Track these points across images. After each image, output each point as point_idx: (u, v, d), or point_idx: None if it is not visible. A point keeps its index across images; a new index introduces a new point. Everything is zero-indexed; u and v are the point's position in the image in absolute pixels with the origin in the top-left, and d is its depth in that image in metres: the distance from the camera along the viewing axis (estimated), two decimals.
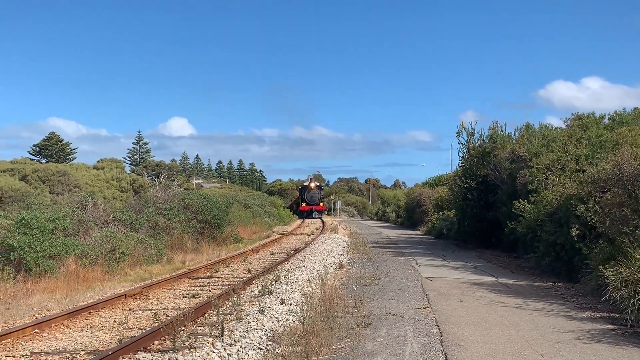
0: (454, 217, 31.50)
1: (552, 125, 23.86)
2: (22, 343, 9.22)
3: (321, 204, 67.02)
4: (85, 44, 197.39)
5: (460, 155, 28.82)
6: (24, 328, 9.74)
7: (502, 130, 26.09)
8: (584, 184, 15.02)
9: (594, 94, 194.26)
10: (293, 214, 65.75)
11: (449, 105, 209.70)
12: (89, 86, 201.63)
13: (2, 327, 10.27)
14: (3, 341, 9.09)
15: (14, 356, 8.40)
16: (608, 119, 21.72)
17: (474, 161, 26.67)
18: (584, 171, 16.28)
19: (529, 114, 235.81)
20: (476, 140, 27.59)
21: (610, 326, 10.04)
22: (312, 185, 67.15)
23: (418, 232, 41.51)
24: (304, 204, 65.98)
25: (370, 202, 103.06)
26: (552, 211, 16.41)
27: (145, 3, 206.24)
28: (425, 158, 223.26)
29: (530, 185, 18.14)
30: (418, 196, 46.84)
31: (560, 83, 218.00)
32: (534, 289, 14.35)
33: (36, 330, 9.85)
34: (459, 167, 29.75)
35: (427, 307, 11.75)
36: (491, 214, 24.33)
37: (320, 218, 61.00)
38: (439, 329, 9.74)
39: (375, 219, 76.83)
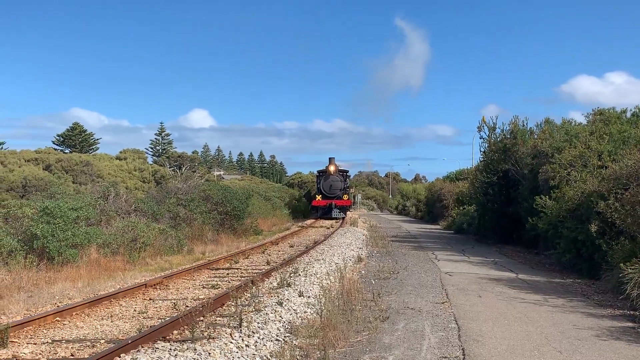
0: (475, 212, 31.34)
1: (575, 121, 23.65)
2: (44, 331, 9.33)
3: (345, 196, 46.38)
4: (107, 37, 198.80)
5: (482, 150, 28.63)
6: (46, 316, 9.86)
7: (523, 125, 25.90)
8: (605, 181, 14.87)
9: (618, 89, 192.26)
10: (309, 211, 50.09)
11: (471, 99, 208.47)
12: (110, 77, 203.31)
13: (25, 314, 10.40)
14: (25, 328, 9.21)
15: (35, 343, 8.51)
16: (631, 114, 21.44)
17: (495, 156, 26.48)
18: (606, 167, 16.10)
19: (551, 109, 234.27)
20: (497, 135, 27.36)
21: (630, 324, 9.94)
22: (332, 169, 46.53)
23: (438, 226, 41.36)
24: (319, 197, 45.85)
25: (390, 196, 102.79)
26: (573, 207, 16.26)
27: None
28: (446, 152, 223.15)
29: (552, 181, 17.98)
30: (439, 190, 46.65)
31: (584, 78, 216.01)
32: (554, 286, 14.24)
33: (58, 318, 9.97)
34: (480, 161, 29.54)
35: (446, 301, 11.71)
36: (512, 210, 24.15)
37: (342, 218, 43.86)
38: (457, 324, 9.71)
39: (395, 212, 76.62)
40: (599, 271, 14.26)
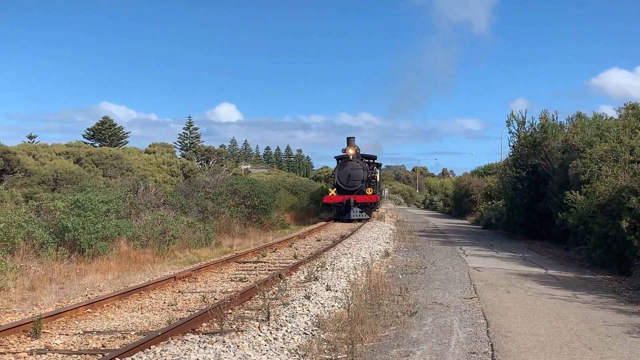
0: (503, 207, 31.07)
1: (606, 115, 23.34)
2: (75, 322, 9.48)
3: (369, 190, 34.24)
4: (135, 32, 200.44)
5: (511, 144, 28.36)
6: (77, 307, 10.00)
7: (553, 120, 25.62)
8: (637, 176, 14.65)
9: None
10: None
11: (499, 93, 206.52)
12: (138, 72, 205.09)
13: (56, 306, 10.56)
14: (57, 320, 9.36)
15: (67, 334, 8.65)
16: None
17: (525, 150, 26.21)
18: (638, 162, 15.85)
19: (581, 103, 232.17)
20: (527, 129, 27.11)
21: None
22: (351, 152, 34.81)
23: (466, 221, 41.10)
24: (333, 191, 34.46)
25: (417, 190, 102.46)
26: (604, 203, 16.02)
27: None
28: (474, 147, 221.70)
29: (582, 176, 17.74)
30: (467, 185, 46.32)
31: (615, 71, 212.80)
32: (584, 282, 14.08)
33: (89, 310, 10.11)
34: (509, 156, 29.31)
35: (474, 297, 11.65)
36: (541, 205, 23.93)
37: (366, 219, 33.32)
38: (485, 319, 9.65)
39: (422, 207, 76.34)
40: (630, 267, 14.08)
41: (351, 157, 34.71)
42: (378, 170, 39.86)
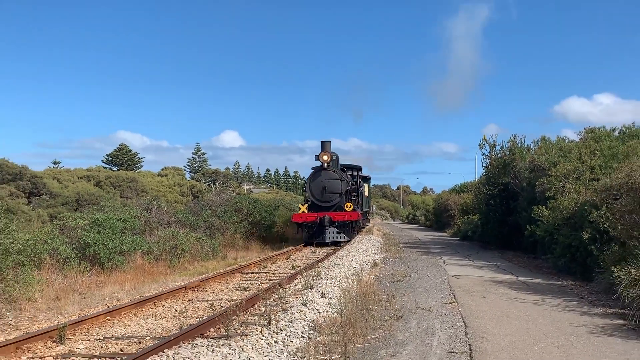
0: (478, 220, 31.11)
1: (567, 138, 23.57)
2: (96, 329, 9.42)
3: (348, 205, 25.50)
4: (148, 71, 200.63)
5: (484, 165, 28.55)
6: (98, 315, 9.95)
7: (521, 143, 25.86)
8: (597, 192, 14.72)
9: (606, 109, 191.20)
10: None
11: (473, 119, 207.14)
12: (152, 103, 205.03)
13: (79, 314, 10.51)
14: (80, 327, 9.30)
15: (89, 340, 8.60)
16: (618, 133, 21.34)
17: (496, 170, 26.37)
18: (598, 180, 15.94)
19: (546, 128, 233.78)
20: (498, 151, 27.31)
21: (621, 321, 9.80)
22: (325, 158, 25.43)
23: (445, 234, 41.08)
24: (303, 208, 25.70)
25: (401, 206, 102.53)
26: (568, 216, 16.10)
27: (198, 19, 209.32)
28: (451, 167, 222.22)
29: (548, 193, 17.82)
30: (445, 201, 46.37)
31: (574, 99, 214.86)
32: (551, 287, 14.09)
33: (108, 318, 10.05)
34: (483, 175, 29.44)
35: (453, 302, 11.64)
36: (512, 219, 23.97)
37: (345, 241, 24.80)
38: (464, 322, 9.64)
39: (406, 221, 76.25)
40: (591, 274, 14.08)
41: (326, 165, 25.53)
42: (365, 185, 32.57)
